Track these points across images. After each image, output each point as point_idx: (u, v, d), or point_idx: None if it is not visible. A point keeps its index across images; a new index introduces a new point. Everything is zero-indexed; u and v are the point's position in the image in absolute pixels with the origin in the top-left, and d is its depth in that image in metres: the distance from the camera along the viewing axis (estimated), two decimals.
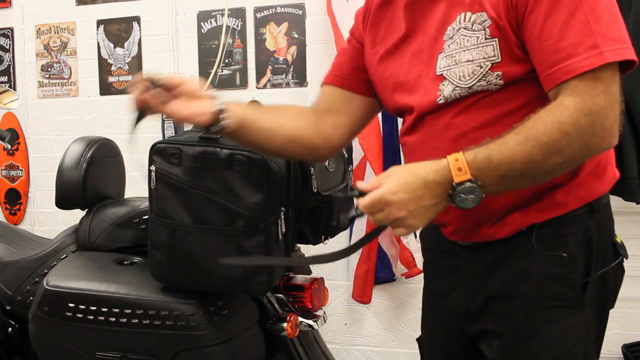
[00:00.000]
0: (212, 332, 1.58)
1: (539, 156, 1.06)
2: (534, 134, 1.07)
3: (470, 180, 1.05)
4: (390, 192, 1.06)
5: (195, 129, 1.64)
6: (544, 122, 1.07)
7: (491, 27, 1.15)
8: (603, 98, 1.10)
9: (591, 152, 1.11)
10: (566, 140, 1.06)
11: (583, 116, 1.07)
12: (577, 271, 1.18)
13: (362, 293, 2.62)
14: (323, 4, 2.67)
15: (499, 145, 1.07)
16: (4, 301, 1.92)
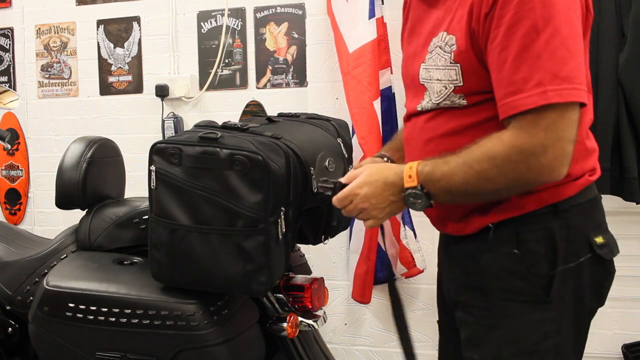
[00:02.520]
0: (212, 332, 1.58)
1: (472, 180, 1.17)
2: (469, 161, 1.17)
3: (416, 187, 1.22)
4: (357, 186, 1.28)
5: (195, 129, 1.64)
6: (481, 150, 1.17)
7: (455, 52, 1.23)
8: (543, 136, 1.12)
9: (529, 184, 1.18)
10: (497, 171, 1.15)
11: (516, 153, 1.13)
12: (538, 267, 1.22)
13: (362, 293, 2.62)
14: (323, 4, 2.67)
15: (442, 163, 1.20)
16: (4, 301, 1.92)
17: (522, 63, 1.12)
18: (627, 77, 2.24)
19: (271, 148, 1.52)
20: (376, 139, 2.48)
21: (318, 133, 1.76)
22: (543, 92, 1.11)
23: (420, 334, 2.70)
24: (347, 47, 2.54)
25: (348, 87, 2.54)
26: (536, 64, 1.11)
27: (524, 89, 1.12)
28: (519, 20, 1.12)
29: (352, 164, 1.86)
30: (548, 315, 1.23)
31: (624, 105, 2.24)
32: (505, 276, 1.24)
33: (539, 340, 1.22)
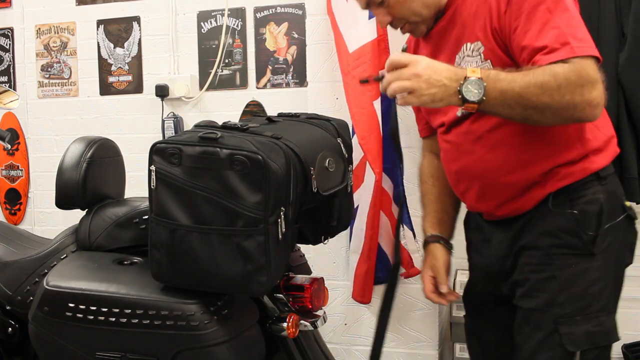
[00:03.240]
0: (212, 332, 1.58)
1: (533, 89, 1.29)
2: (534, 73, 1.30)
3: (479, 78, 1.30)
4: (420, 57, 1.35)
5: (195, 129, 1.64)
6: (544, 68, 1.30)
7: (484, 51, 1.45)
8: (594, 73, 1.30)
9: (576, 111, 1.32)
10: (556, 87, 1.28)
11: (576, 76, 1.28)
12: (589, 226, 1.45)
13: (362, 293, 2.62)
14: (323, 4, 2.67)
15: (507, 72, 1.32)
16: (4, 301, 1.92)
17: (548, 32, 1.33)
18: (627, 77, 2.24)
19: (271, 148, 1.52)
20: (376, 138, 2.48)
21: (318, 133, 1.76)
22: (581, 47, 1.32)
23: (420, 334, 2.70)
24: (347, 47, 2.54)
25: (348, 87, 2.54)
26: (560, 31, 1.32)
27: (566, 43, 1.32)
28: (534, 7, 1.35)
29: (352, 164, 1.86)
30: (594, 265, 1.45)
31: (624, 105, 2.24)
32: (560, 234, 1.46)
33: (587, 287, 1.44)
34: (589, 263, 1.45)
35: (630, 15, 2.24)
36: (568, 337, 1.44)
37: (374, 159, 2.47)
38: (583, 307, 1.44)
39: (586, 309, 1.44)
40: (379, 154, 2.48)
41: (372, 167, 2.48)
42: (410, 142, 2.65)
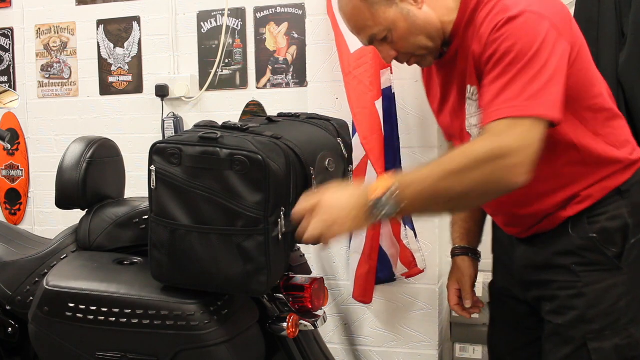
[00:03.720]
0: (212, 332, 1.58)
1: (444, 180, 1.26)
2: (443, 161, 1.30)
3: (385, 192, 1.27)
4: (323, 197, 1.33)
5: (195, 129, 1.64)
6: (456, 151, 1.31)
7: (479, 101, 1.41)
8: (512, 141, 1.25)
9: (494, 187, 1.28)
10: (468, 170, 1.25)
11: (487, 151, 1.25)
12: (612, 242, 1.43)
13: (363, 293, 2.62)
14: (323, 4, 2.67)
15: (418, 170, 1.33)
16: (4, 301, 1.92)
17: (502, 94, 1.29)
18: (627, 77, 2.24)
19: (271, 148, 1.52)
20: (378, 138, 2.48)
21: (318, 133, 1.76)
22: (515, 106, 1.26)
23: (420, 334, 2.70)
24: (349, 47, 2.54)
25: (349, 87, 2.54)
26: (516, 89, 1.27)
27: (502, 105, 1.28)
28: (502, 57, 1.30)
29: (352, 164, 1.86)
30: (621, 279, 1.43)
31: (624, 105, 2.24)
32: (583, 252, 1.45)
33: (615, 302, 1.43)
34: (616, 278, 1.44)
35: (630, 15, 2.24)
36: (597, 352, 1.43)
37: (377, 159, 2.47)
38: (612, 322, 1.44)
39: (615, 323, 1.43)
40: (381, 153, 2.48)
41: (375, 167, 2.47)
42: (411, 142, 2.65)
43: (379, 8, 1.43)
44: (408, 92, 2.66)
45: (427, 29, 1.46)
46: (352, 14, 1.47)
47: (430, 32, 1.46)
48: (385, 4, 1.43)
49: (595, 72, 1.46)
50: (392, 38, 1.47)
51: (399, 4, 1.43)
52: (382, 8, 1.43)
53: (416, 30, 1.45)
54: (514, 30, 1.29)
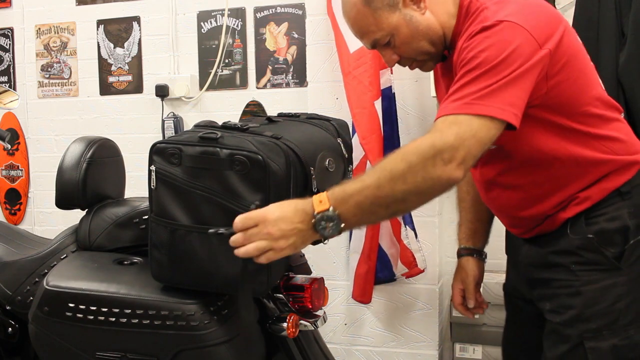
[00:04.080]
0: (213, 332, 1.58)
1: (385, 183, 1.25)
2: (383, 165, 1.28)
3: (328, 209, 1.27)
4: (266, 209, 1.31)
5: (195, 129, 1.64)
6: (395, 153, 1.28)
7: None
8: (453, 137, 1.25)
9: (434, 183, 1.26)
10: (408, 168, 1.25)
11: (427, 147, 1.25)
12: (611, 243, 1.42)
13: (362, 293, 2.62)
14: (323, 4, 2.67)
15: (354, 179, 1.30)
16: (4, 301, 1.92)
17: (458, 90, 1.30)
18: (627, 77, 2.24)
19: (271, 148, 1.52)
20: (377, 138, 2.48)
21: (318, 133, 1.75)
22: (464, 104, 1.27)
23: (420, 334, 2.70)
24: (348, 47, 2.54)
25: (349, 87, 2.55)
26: (470, 90, 1.28)
27: (451, 103, 1.29)
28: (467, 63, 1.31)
29: (352, 164, 1.86)
30: (620, 280, 1.42)
31: (624, 105, 2.24)
32: (581, 252, 1.44)
33: (613, 302, 1.42)
34: (615, 278, 1.43)
35: (630, 15, 2.24)
36: (593, 351, 1.43)
37: (375, 159, 2.47)
38: (610, 322, 1.43)
39: (613, 323, 1.42)
40: (380, 153, 2.48)
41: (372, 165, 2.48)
42: None
43: (382, 13, 1.44)
44: (408, 92, 2.66)
45: (429, 35, 1.47)
46: (355, 19, 1.47)
47: (432, 38, 1.47)
48: (389, 9, 1.44)
49: (589, 79, 1.45)
50: (395, 43, 1.48)
51: (402, 10, 1.44)
52: (385, 13, 1.44)
53: (418, 36, 1.46)
54: (484, 39, 1.31)
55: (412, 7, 1.45)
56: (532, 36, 1.31)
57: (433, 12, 1.46)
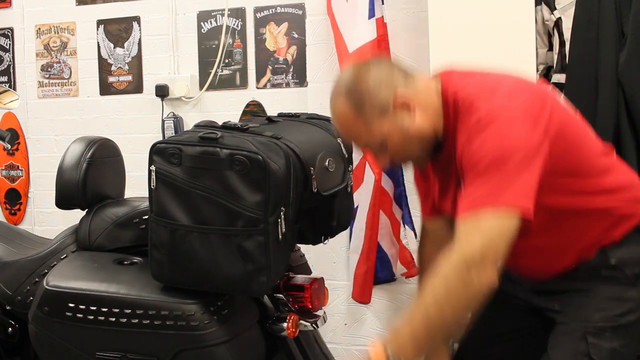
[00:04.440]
0: (213, 332, 1.58)
1: (433, 313, 1.27)
2: (425, 296, 1.30)
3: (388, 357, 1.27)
4: None
5: (195, 129, 1.64)
6: (432, 279, 1.29)
7: None
8: (479, 244, 1.26)
9: (476, 294, 1.28)
10: (449, 291, 1.27)
11: (459, 263, 1.26)
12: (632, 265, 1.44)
13: (362, 293, 2.62)
14: (323, 4, 2.67)
15: (403, 321, 1.31)
16: (4, 301, 1.92)
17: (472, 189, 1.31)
18: (627, 77, 2.24)
19: (271, 148, 1.52)
20: None
21: (318, 133, 1.76)
22: (479, 203, 1.28)
23: None
24: (347, 47, 2.54)
25: None
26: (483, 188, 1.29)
27: (467, 202, 1.30)
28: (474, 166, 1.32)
29: (352, 164, 1.86)
30: (633, 294, 1.43)
31: (624, 105, 2.24)
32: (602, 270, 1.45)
33: (623, 313, 1.43)
34: (628, 291, 1.44)
35: (630, 15, 2.24)
36: (594, 347, 1.43)
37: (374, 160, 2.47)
38: (614, 327, 1.43)
39: (617, 329, 1.43)
40: None
41: (372, 167, 2.48)
42: None
43: (373, 120, 1.40)
44: None
45: (420, 138, 1.44)
46: (347, 125, 1.44)
47: (423, 140, 1.45)
48: (380, 116, 1.40)
49: (585, 138, 1.46)
50: (387, 147, 1.44)
51: (392, 116, 1.41)
52: (376, 120, 1.40)
53: (410, 140, 1.43)
54: (485, 135, 1.31)
55: (403, 113, 1.41)
56: (527, 120, 1.32)
57: (422, 113, 1.42)
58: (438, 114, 1.44)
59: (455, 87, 1.42)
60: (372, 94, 1.39)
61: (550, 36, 2.45)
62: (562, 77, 2.37)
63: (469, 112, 1.36)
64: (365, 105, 1.39)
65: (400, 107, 1.40)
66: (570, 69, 2.33)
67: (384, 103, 1.39)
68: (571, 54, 2.32)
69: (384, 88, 1.40)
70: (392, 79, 1.42)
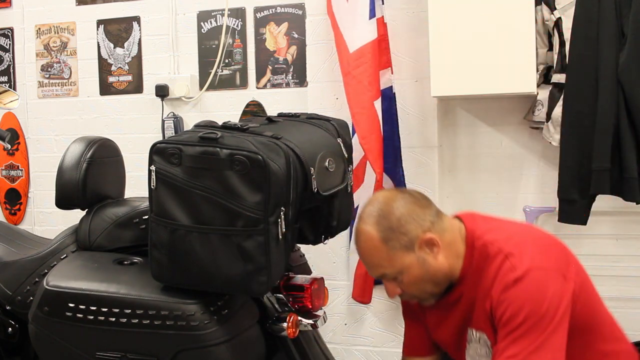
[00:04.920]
0: (213, 332, 1.58)
1: None
2: None
3: None
4: None
5: (195, 129, 1.64)
6: None
7: (492, 345, 1.46)
8: None
9: None
10: None
11: None
12: None
13: (362, 293, 2.62)
14: (323, 4, 2.67)
15: None
16: (4, 301, 1.92)
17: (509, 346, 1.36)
18: (627, 77, 2.23)
19: (271, 148, 1.52)
20: (377, 138, 2.48)
21: (318, 133, 1.76)
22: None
23: None
24: (348, 47, 2.54)
25: (349, 87, 2.54)
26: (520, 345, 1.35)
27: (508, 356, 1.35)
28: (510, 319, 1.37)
29: (352, 164, 1.86)
30: None
31: (624, 105, 2.24)
32: None
33: None
34: None
35: (630, 15, 2.24)
36: None
37: (375, 159, 2.47)
38: None
39: None
40: (379, 153, 2.48)
41: (373, 167, 2.48)
42: (411, 142, 2.65)
43: (397, 252, 1.45)
44: (408, 92, 2.66)
45: (437, 277, 1.49)
46: (369, 252, 1.48)
47: (439, 280, 1.50)
48: (404, 250, 1.45)
49: (599, 300, 1.53)
50: (402, 280, 1.48)
51: (416, 251, 1.46)
52: (399, 253, 1.45)
53: (427, 278, 1.48)
54: (521, 293, 1.37)
55: (426, 251, 1.46)
56: (558, 274, 1.40)
57: (445, 254, 1.48)
58: (459, 256, 1.50)
59: (482, 232, 1.49)
60: (401, 227, 1.45)
61: (550, 36, 2.45)
62: (562, 77, 2.37)
63: (502, 263, 1.42)
64: (393, 237, 1.44)
65: (425, 245, 1.46)
66: (570, 69, 2.32)
67: (411, 238, 1.45)
68: (571, 54, 2.32)
69: (413, 223, 1.45)
70: (424, 216, 1.48)
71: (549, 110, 2.43)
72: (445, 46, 2.40)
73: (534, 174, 2.69)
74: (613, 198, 2.32)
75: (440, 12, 2.40)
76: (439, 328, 1.60)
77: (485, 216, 1.57)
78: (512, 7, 2.33)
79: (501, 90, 2.41)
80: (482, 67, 2.36)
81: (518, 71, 2.34)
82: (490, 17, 2.35)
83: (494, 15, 2.34)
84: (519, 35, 2.33)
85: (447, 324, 1.57)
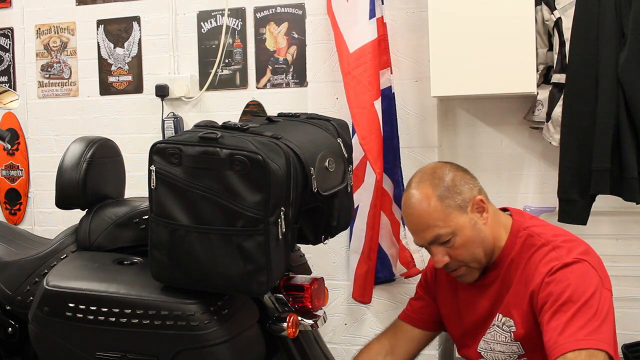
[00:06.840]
0: (213, 332, 1.58)
1: None
2: None
3: None
4: None
5: (195, 129, 1.64)
6: None
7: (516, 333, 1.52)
8: None
9: None
10: None
11: None
12: None
13: (362, 293, 2.62)
14: (323, 4, 2.67)
15: None
16: (4, 301, 1.92)
17: (566, 327, 1.39)
18: (627, 77, 2.24)
19: (271, 148, 1.52)
20: (377, 139, 2.48)
21: (318, 133, 1.76)
22: (580, 339, 1.37)
23: None
24: (348, 47, 2.54)
25: (349, 87, 2.54)
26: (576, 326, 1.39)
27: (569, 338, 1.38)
28: (558, 298, 1.43)
29: (352, 164, 1.86)
30: None
31: (624, 105, 2.24)
32: None
33: None
34: None
35: (630, 15, 2.24)
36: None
37: (375, 159, 2.47)
38: None
39: None
40: (379, 154, 2.48)
41: (373, 167, 2.48)
42: (411, 142, 2.65)
43: (452, 211, 1.54)
44: (408, 92, 2.66)
45: (485, 243, 1.57)
46: (425, 211, 1.55)
47: (487, 247, 1.58)
48: (459, 209, 1.55)
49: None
50: (455, 243, 1.55)
51: (469, 213, 1.56)
52: (454, 212, 1.54)
53: (478, 241, 1.55)
54: (569, 275, 1.44)
55: (477, 214, 1.56)
56: (600, 277, 1.47)
57: (491, 226, 1.58)
58: (501, 237, 1.59)
59: (529, 225, 1.58)
60: (455, 187, 1.56)
61: (550, 36, 2.45)
62: (562, 77, 2.37)
63: (549, 252, 1.50)
64: (449, 195, 1.55)
65: (476, 208, 1.56)
66: (570, 69, 2.33)
67: (465, 198, 1.56)
68: (571, 54, 2.32)
69: (466, 186, 1.58)
70: (473, 182, 1.60)
71: (549, 110, 2.43)
72: (445, 46, 2.40)
73: (534, 174, 2.69)
74: (613, 198, 2.32)
75: (440, 12, 2.40)
76: (468, 309, 1.64)
77: (532, 215, 1.66)
78: (512, 7, 2.33)
79: (501, 90, 2.41)
80: (482, 67, 2.36)
81: (518, 71, 2.35)
82: (490, 17, 2.35)
83: (494, 15, 2.34)
84: (519, 35, 2.33)
85: (477, 305, 1.62)
